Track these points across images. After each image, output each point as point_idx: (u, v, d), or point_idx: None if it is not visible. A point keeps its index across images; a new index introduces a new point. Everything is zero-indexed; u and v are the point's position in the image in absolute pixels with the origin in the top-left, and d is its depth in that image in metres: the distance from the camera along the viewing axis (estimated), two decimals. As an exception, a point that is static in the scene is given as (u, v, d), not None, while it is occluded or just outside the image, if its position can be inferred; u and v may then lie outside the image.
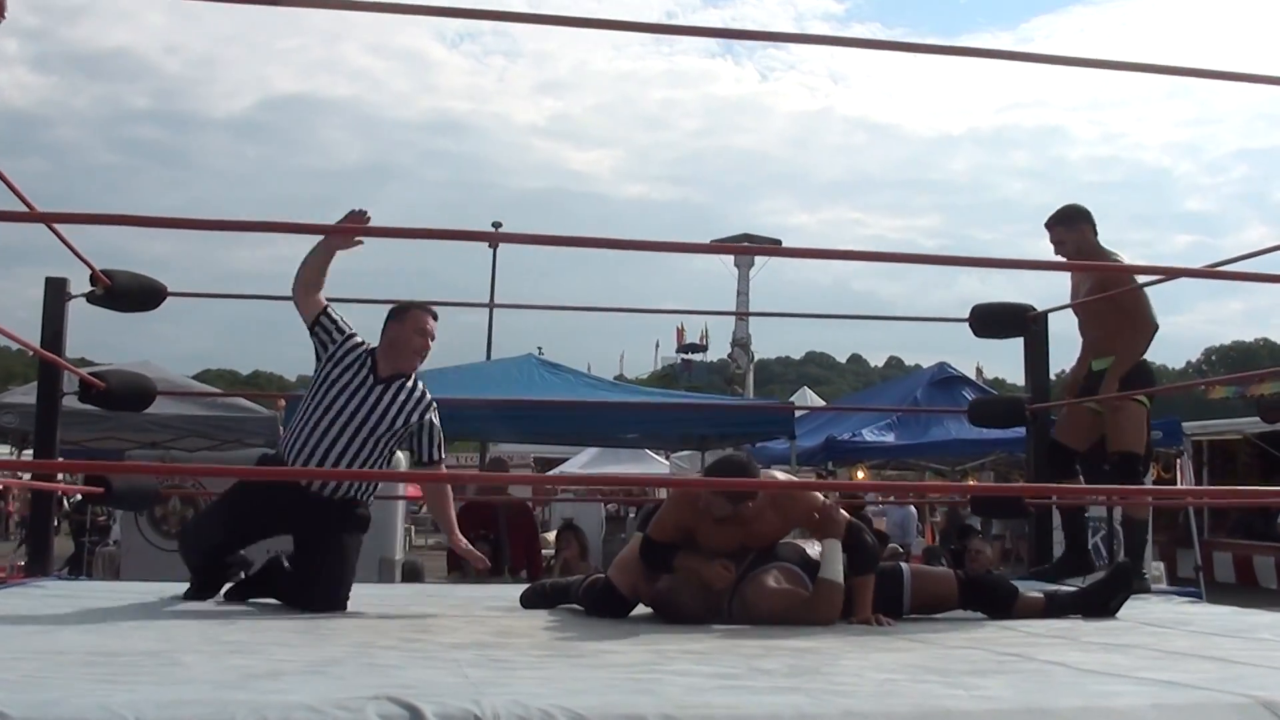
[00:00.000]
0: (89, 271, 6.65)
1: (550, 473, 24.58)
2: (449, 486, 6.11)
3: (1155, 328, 7.24)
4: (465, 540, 6.13)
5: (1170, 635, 5.11)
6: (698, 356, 72.30)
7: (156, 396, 7.26)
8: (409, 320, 6.00)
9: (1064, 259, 7.34)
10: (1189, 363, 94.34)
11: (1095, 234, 7.27)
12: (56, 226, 5.83)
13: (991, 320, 7.84)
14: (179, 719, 2.61)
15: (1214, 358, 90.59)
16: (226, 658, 3.75)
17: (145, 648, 3.94)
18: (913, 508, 17.93)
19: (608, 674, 3.57)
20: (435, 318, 6.13)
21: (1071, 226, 7.25)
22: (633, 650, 4.25)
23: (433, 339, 6.12)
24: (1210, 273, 6.62)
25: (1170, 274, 7.26)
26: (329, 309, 5.99)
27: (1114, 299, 7.15)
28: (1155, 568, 12.63)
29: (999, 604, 5.73)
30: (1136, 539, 7.32)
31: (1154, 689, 3.39)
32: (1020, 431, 8.46)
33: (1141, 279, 7.30)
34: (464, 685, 3.23)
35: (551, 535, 14.39)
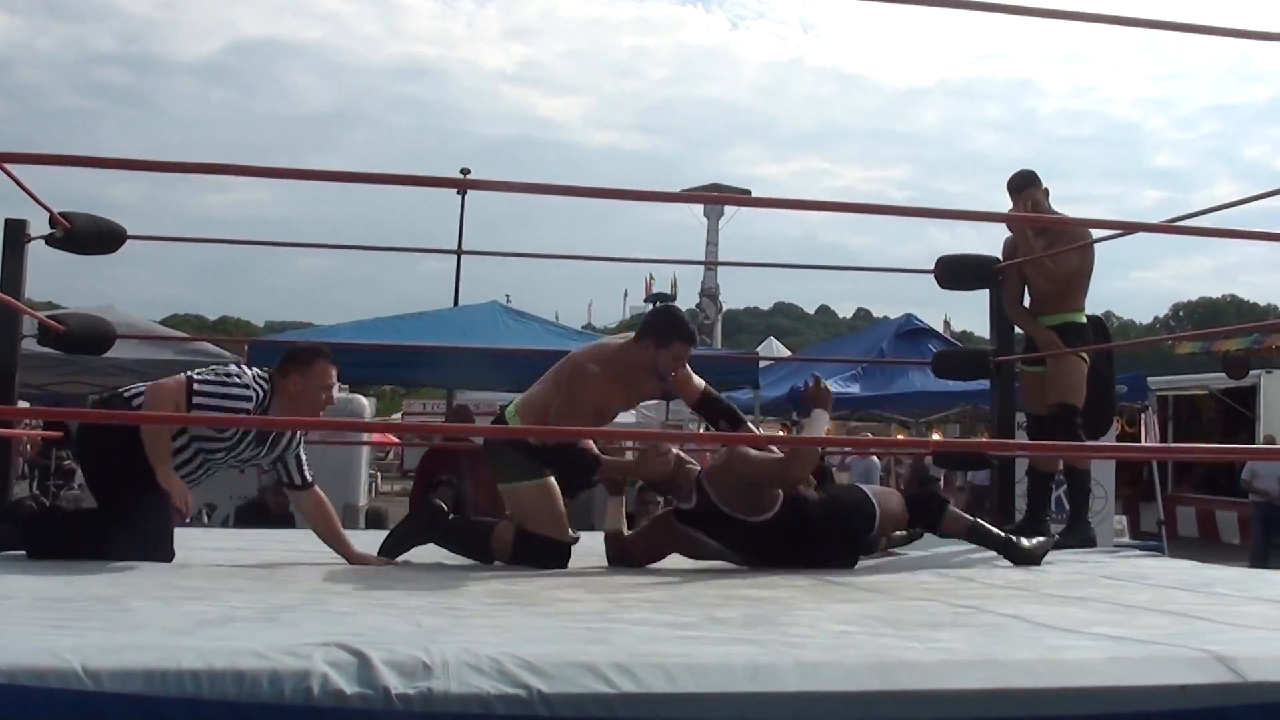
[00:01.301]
0: (47, 214, 6.58)
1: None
2: (328, 505, 5.84)
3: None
4: (359, 553, 5.72)
5: (1129, 589, 5.11)
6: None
7: (117, 340, 7.20)
8: (315, 375, 5.59)
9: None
10: (1156, 318, 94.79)
11: (1045, 195, 7.27)
12: (11, 168, 5.75)
13: (956, 272, 7.81)
14: (125, 665, 2.57)
15: (1181, 313, 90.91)
16: (179, 604, 3.72)
17: (96, 593, 3.91)
18: (875, 458, 17.98)
19: (562, 622, 3.56)
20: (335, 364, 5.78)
21: (1019, 194, 7.26)
22: (590, 599, 4.24)
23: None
24: (1168, 228, 6.65)
25: (1128, 229, 7.29)
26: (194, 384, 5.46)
27: (1063, 260, 7.18)
28: (1118, 521, 12.75)
29: (931, 513, 6.07)
30: (1077, 488, 7.34)
31: (1109, 643, 3.37)
32: (986, 384, 8.46)
33: (1096, 234, 7.32)
34: (416, 633, 3.21)
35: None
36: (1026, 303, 7.49)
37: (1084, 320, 7.28)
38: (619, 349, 5.95)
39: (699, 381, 6.20)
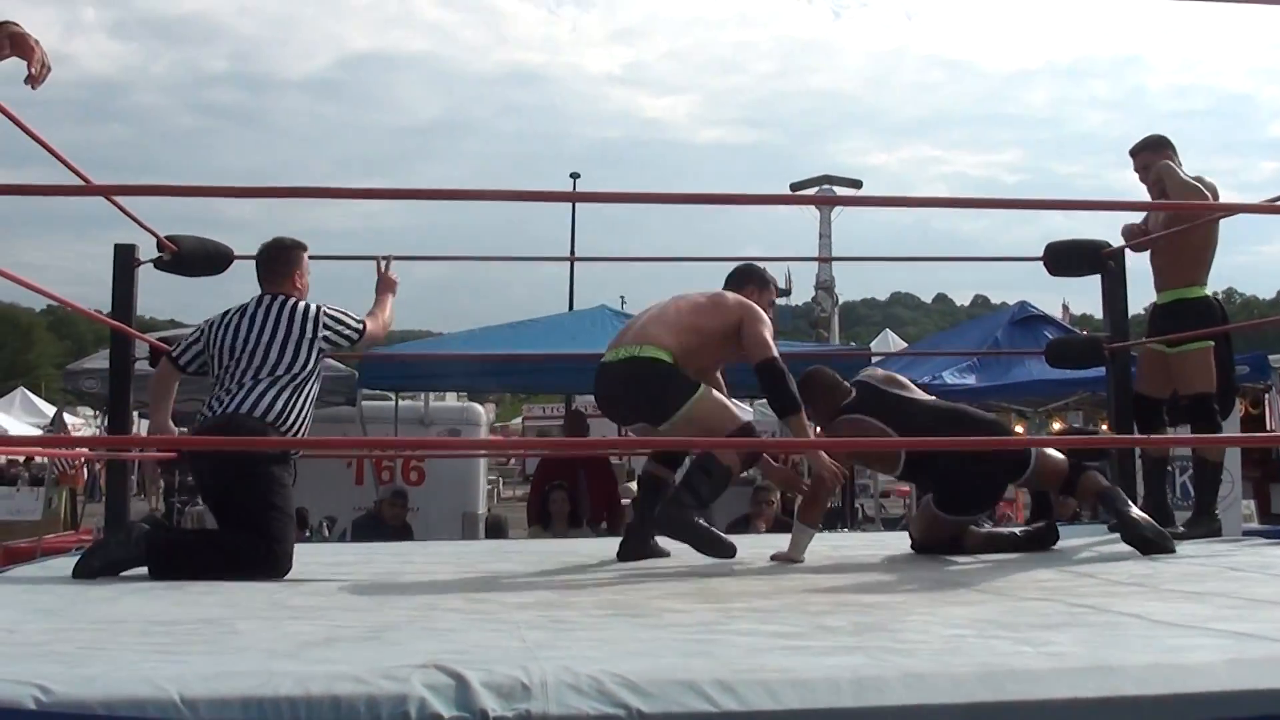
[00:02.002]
0: (154, 239, 6.70)
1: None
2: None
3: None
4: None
5: (1254, 581, 4.97)
6: (782, 301, 72.06)
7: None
8: (305, 266, 6.14)
9: (1149, 185, 7.17)
10: (1279, 292, 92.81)
11: (1179, 163, 7.10)
12: (116, 196, 5.85)
13: (1066, 258, 7.69)
14: (223, 691, 2.57)
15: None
16: (285, 624, 3.73)
17: (205, 615, 3.93)
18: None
19: (668, 634, 3.52)
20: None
21: (1158, 151, 7.10)
22: (699, 609, 4.19)
23: None
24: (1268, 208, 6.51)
25: (1235, 210, 7.13)
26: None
27: (1185, 233, 7.02)
28: (1246, 506, 12.45)
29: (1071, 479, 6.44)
30: (1206, 481, 7.16)
31: (1230, 641, 3.28)
32: (1103, 371, 8.31)
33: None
34: (519, 650, 3.18)
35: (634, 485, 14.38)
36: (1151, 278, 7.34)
37: (1205, 295, 7.08)
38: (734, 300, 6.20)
39: None
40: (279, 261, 5.99)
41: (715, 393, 5.93)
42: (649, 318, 6.13)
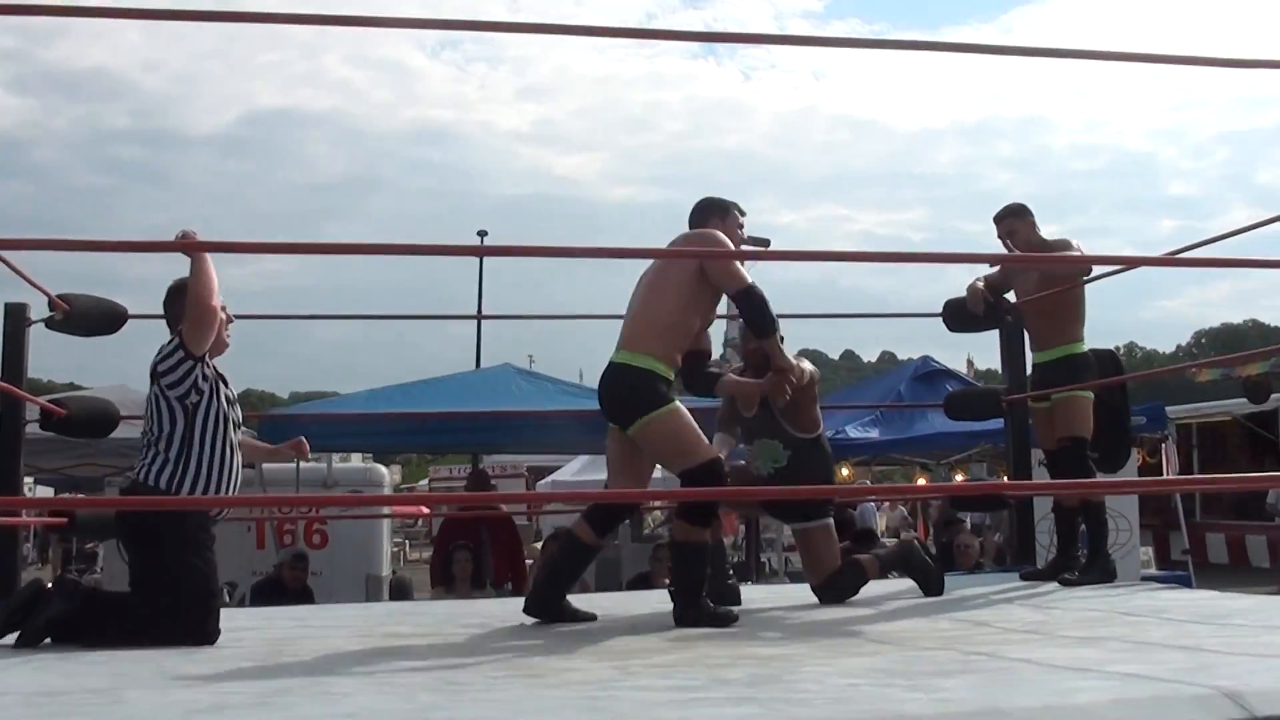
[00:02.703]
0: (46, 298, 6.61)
1: (542, 482, 24.52)
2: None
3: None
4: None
5: (1146, 625, 5.05)
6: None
7: (121, 421, 7.17)
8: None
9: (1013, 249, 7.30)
10: (1179, 346, 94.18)
11: (1032, 227, 7.26)
12: (6, 254, 5.77)
13: (963, 314, 7.76)
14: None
15: (1204, 340, 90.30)
16: (173, 692, 3.66)
17: (93, 685, 3.85)
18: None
19: (563, 693, 3.50)
20: None
21: (1022, 218, 7.24)
22: (597, 666, 4.17)
23: None
24: (1167, 260, 6.65)
25: (1131, 263, 7.27)
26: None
27: (1058, 293, 7.18)
28: (1144, 553, 12.59)
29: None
30: (1095, 524, 7.24)
31: (1118, 683, 3.32)
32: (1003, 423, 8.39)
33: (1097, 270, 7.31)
34: (409, 712, 3.15)
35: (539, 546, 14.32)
36: (1026, 339, 7.47)
37: (1084, 351, 7.22)
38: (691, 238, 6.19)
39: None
40: (169, 304, 5.59)
41: (682, 419, 5.81)
42: (629, 315, 6.05)
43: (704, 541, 5.79)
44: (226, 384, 5.54)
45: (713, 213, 6.23)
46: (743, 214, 6.33)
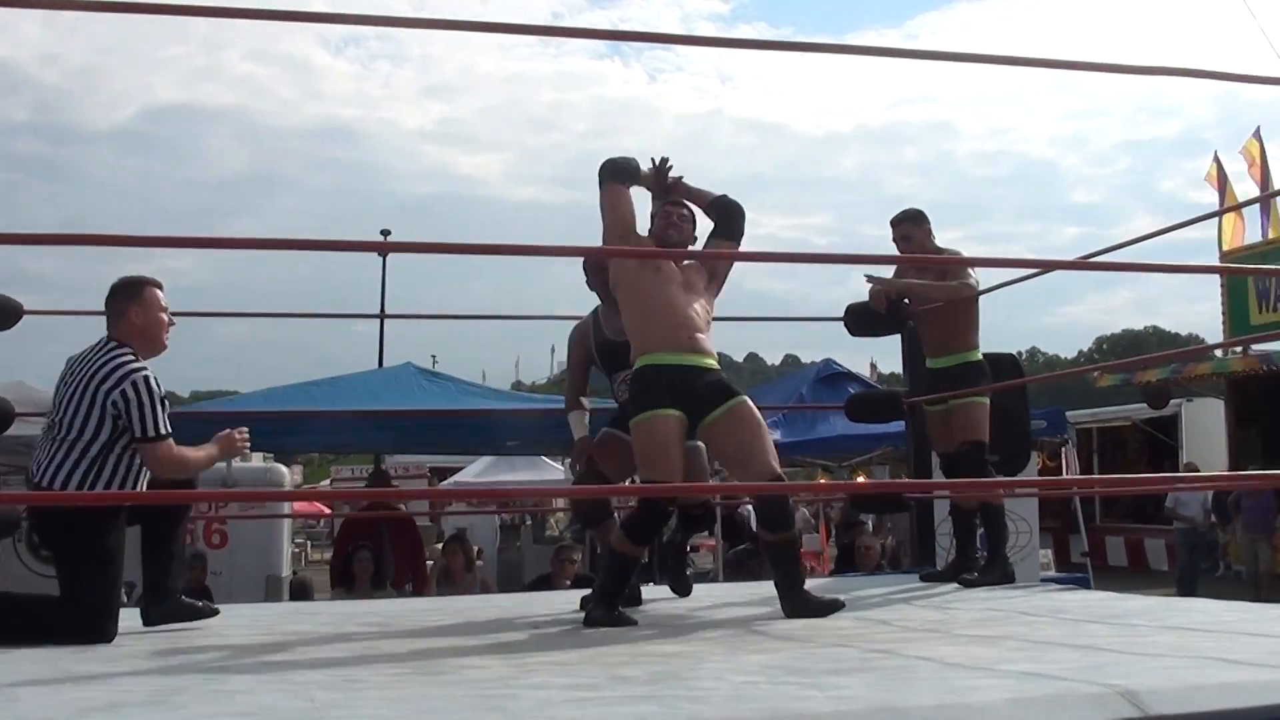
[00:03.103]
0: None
1: (445, 482, 24.41)
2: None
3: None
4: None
5: (1043, 624, 5.11)
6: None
7: (16, 418, 7.05)
8: (150, 301, 5.51)
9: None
10: (1080, 352, 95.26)
11: (928, 234, 7.34)
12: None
13: (865, 318, 7.80)
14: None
15: (1105, 346, 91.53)
16: (67, 691, 3.61)
17: (-17, 682, 3.79)
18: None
19: (461, 691, 3.49)
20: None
21: (918, 224, 7.31)
22: (496, 664, 4.15)
23: None
24: (1054, 263, 6.74)
25: (1033, 266, 7.34)
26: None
27: (951, 303, 7.27)
28: (1043, 555, 12.74)
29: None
30: (995, 527, 7.32)
31: (1014, 681, 3.36)
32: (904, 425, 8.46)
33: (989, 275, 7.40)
34: (305, 709, 3.13)
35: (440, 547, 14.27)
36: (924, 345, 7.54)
37: (979, 359, 7.29)
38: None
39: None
40: (110, 301, 5.49)
41: (655, 431, 5.81)
42: (686, 319, 6.01)
43: (638, 557, 5.82)
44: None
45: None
46: (672, 205, 6.33)
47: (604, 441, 6.51)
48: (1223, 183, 22.36)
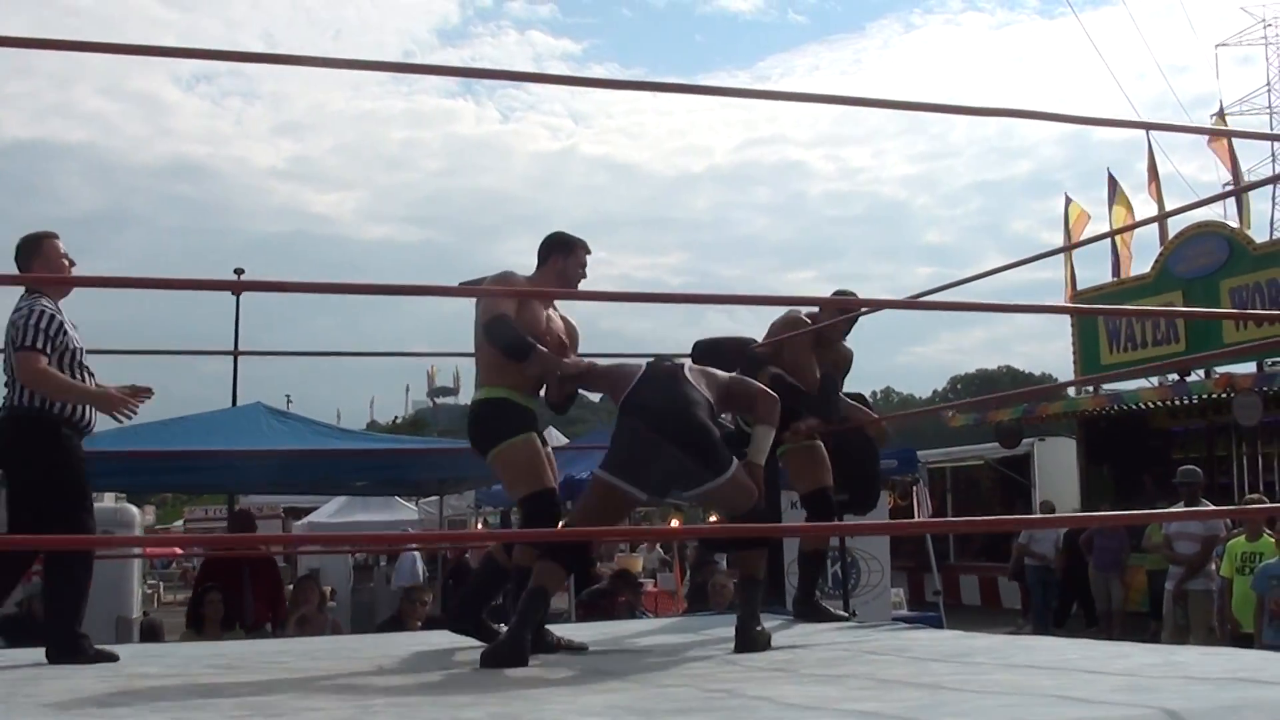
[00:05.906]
0: None
1: (300, 522, 24.17)
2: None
3: None
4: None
5: (889, 663, 5.17)
6: (449, 399, 71.96)
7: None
8: (49, 251, 6.01)
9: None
10: (935, 392, 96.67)
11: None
12: None
13: (713, 355, 7.85)
14: None
15: (959, 386, 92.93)
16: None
17: None
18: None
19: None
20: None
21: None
22: (337, 705, 4.14)
23: None
24: (886, 303, 6.83)
25: (879, 305, 7.45)
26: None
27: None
28: (895, 594, 12.89)
29: None
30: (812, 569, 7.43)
31: None
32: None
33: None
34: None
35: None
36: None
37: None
38: (531, 279, 6.39)
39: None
40: (18, 260, 5.96)
41: (528, 447, 5.98)
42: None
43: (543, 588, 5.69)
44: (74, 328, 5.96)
45: (556, 249, 6.42)
46: (588, 252, 6.41)
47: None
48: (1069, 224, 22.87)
